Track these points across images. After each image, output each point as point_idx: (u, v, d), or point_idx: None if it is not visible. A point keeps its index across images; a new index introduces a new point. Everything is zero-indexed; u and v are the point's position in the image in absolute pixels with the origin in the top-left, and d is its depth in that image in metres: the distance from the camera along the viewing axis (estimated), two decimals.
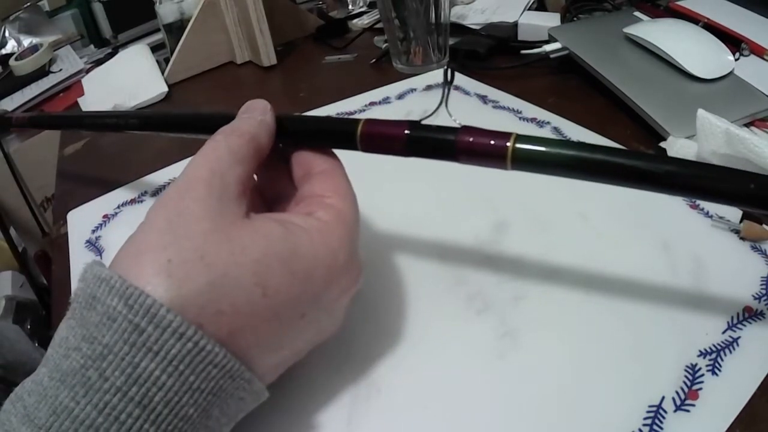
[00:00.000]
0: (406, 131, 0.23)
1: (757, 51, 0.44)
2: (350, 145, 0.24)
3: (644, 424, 0.22)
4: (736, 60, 0.43)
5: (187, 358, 0.17)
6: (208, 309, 0.18)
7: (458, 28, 0.63)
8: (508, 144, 0.21)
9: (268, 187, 0.27)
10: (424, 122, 0.23)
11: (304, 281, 0.20)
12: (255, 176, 0.26)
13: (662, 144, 0.38)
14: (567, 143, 0.21)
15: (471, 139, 0.22)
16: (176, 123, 0.32)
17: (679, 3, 0.52)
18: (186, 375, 0.17)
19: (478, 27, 0.63)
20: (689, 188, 0.20)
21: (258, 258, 0.19)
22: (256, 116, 0.25)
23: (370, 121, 0.24)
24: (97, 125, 0.41)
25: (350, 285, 0.23)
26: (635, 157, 0.20)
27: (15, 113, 0.52)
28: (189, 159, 0.22)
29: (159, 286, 0.18)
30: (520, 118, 0.44)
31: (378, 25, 0.72)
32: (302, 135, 0.26)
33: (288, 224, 0.21)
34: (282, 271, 0.20)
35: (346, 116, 0.49)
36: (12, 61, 0.91)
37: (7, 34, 1.03)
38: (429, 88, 0.51)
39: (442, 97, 0.25)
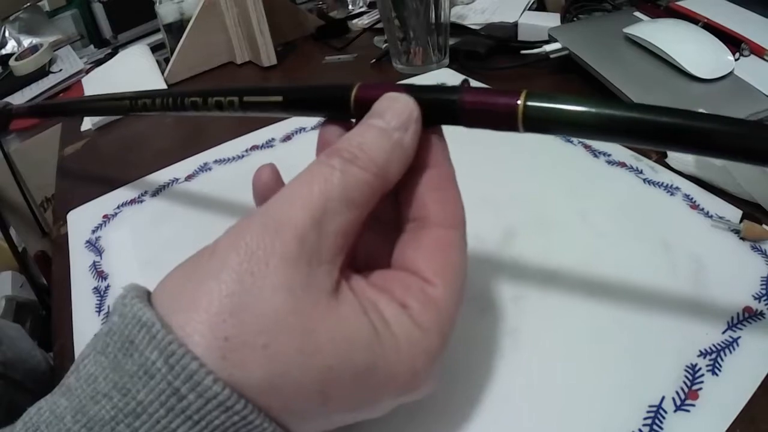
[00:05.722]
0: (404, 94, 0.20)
1: (757, 51, 0.44)
2: (344, 112, 0.22)
3: (644, 424, 0.22)
4: (736, 60, 0.43)
5: (231, 429, 0.16)
6: (257, 401, 0.16)
7: (458, 28, 0.63)
8: (519, 102, 0.18)
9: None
10: None
11: (371, 396, 0.18)
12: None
13: None
14: (585, 99, 0.18)
15: (476, 99, 0.19)
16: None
17: (679, 3, 0.52)
18: None
19: (478, 27, 0.63)
20: (729, 149, 0.17)
21: (330, 366, 0.17)
22: (391, 132, 0.19)
23: (364, 86, 0.21)
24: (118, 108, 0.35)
25: (416, 397, 0.20)
26: (667, 113, 0.17)
27: (16, 105, 0.51)
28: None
29: (207, 361, 0.15)
30: None
31: (378, 25, 0.72)
32: (288, 103, 0.23)
33: (377, 323, 0.18)
34: (352, 385, 0.17)
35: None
36: (12, 61, 0.91)
37: (7, 34, 1.03)
38: None
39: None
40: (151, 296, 0.18)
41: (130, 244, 0.38)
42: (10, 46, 1.03)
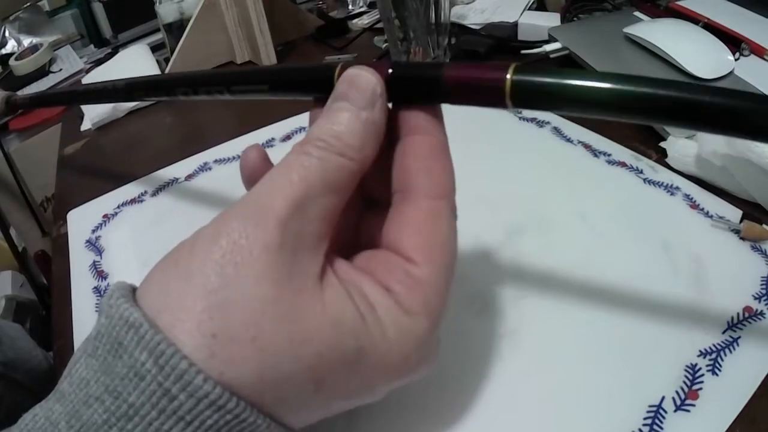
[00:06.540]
0: (390, 70, 0.20)
1: (757, 51, 0.44)
2: (329, 92, 0.21)
3: (644, 424, 0.22)
4: (736, 60, 0.43)
5: (225, 428, 0.15)
6: (249, 398, 0.16)
7: (458, 28, 0.63)
8: (507, 76, 0.18)
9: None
10: None
11: (364, 382, 0.18)
12: None
13: (662, 144, 0.38)
14: (577, 72, 0.17)
15: (462, 74, 0.19)
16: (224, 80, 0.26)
17: (679, 3, 0.52)
18: None
19: (478, 27, 0.63)
20: (736, 125, 0.16)
21: (320, 352, 0.16)
22: (360, 113, 0.19)
23: (348, 65, 0.21)
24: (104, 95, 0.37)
25: (413, 379, 0.19)
26: (670, 85, 0.16)
27: (18, 96, 0.52)
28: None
29: (196, 360, 0.15)
30: (520, 118, 0.44)
31: (378, 25, 0.72)
32: (274, 85, 0.23)
33: (363, 308, 0.18)
34: (342, 371, 0.17)
35: None
36: (12, 61, 0.91)
37: (7, 34, 1.03)
38: None
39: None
40: (136, 293, 0.17)
41: (130, 244, 0.38)
42: (10, 46, 1.03)
